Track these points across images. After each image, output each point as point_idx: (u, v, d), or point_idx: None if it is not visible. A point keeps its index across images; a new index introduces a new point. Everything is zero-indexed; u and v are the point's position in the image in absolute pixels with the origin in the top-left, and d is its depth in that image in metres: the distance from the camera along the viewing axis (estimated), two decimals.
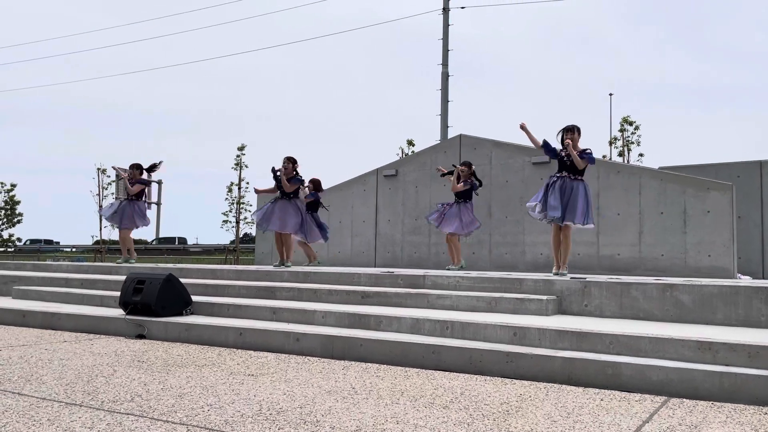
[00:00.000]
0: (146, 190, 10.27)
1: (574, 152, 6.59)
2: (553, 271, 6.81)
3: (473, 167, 8.64)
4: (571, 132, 6.78)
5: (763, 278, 9.10)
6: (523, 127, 6.90)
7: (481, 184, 8.72)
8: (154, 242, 39.85)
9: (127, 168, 10.06)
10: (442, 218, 8.58)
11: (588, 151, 6.72)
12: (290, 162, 8.84)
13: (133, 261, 10.04)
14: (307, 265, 9.71)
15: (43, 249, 38.83)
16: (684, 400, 3.57)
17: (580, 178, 6.71)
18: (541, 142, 6.87)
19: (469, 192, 8.52)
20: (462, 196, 8.53)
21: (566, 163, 6.74)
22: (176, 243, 39.90)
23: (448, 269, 8.18)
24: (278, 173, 8.85)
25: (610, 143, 21.29)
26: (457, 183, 8.51)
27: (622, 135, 20.45)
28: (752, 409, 3.35)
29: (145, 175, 10.06)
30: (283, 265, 8.85)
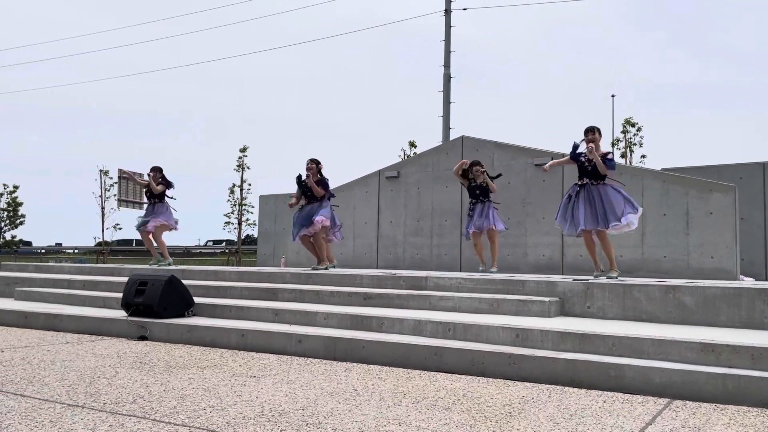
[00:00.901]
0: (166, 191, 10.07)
1: (599, 159, 6.33)
2: (594, 273, 6.70)
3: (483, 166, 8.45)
4: (591, 133, 6.50)
5: (766, 280, 9.08)
6: (546, 171, 6.89)
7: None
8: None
9: (149, 171, 9.99)
10: (469, 222, 8.31)
11: (609, 156, 6.44)
12: (314, 163, 8.49)
13: (168, 263, 9.85)
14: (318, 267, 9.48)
15: (21, 252, 38.54)
16: (687, 402, 3.56)
17: (603, 183, 6.44)
18: (568, 157, 6.75)
19: (487, 191, 8.29)
20: (485, 195, 8.24)
21: (587, 169, 6.49)
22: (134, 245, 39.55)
23: (490, 271, 8.07)
24: (304, 181, 8.47)
25: (613, 145, 21.29)
26: (492, 182, 8.21)
27: (625, 136, 20.46)
28: (755, 411, 3.34)
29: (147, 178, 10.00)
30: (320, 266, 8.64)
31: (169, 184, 9.80)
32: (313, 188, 8.43)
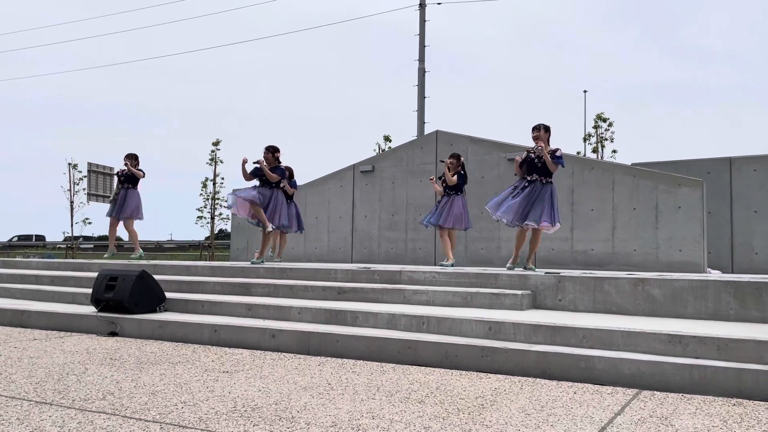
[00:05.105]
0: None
1: (548, 156, 6.47)
2: (507, 265, 6.89)
3: (462, 159, 8.44)
4: (536, 131, 6.57)
5: (732, 272, 9.29)
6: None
7: (466, 180, 8.53)
8: (14, 239, 38.98)
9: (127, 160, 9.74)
10: (440, 216, 8.27)
11: (558, 153, 6.58)
12: (269, 152, 8.38)
13: (143, 255, 9.71)
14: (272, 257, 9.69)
15: None
16: (655, 392, 3.63)
17: (550, 180, 6.61)
18: (521, 163, 6.66)
19: (461, 185, 8.29)
20: (454, 188, 8.26)
21: (537, 165, 6.61)
22: (33, 240, 39.07)
23: (442, 265, 8.08)
24: (256, 164, 8.33)
25: (585, 140, 21.56)
26: (452, 176, 8.24)
27: (596, 132, 20.74)
28: (721, 401, 3.42)
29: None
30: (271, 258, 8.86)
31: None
32: (267, 174, 8.29)
